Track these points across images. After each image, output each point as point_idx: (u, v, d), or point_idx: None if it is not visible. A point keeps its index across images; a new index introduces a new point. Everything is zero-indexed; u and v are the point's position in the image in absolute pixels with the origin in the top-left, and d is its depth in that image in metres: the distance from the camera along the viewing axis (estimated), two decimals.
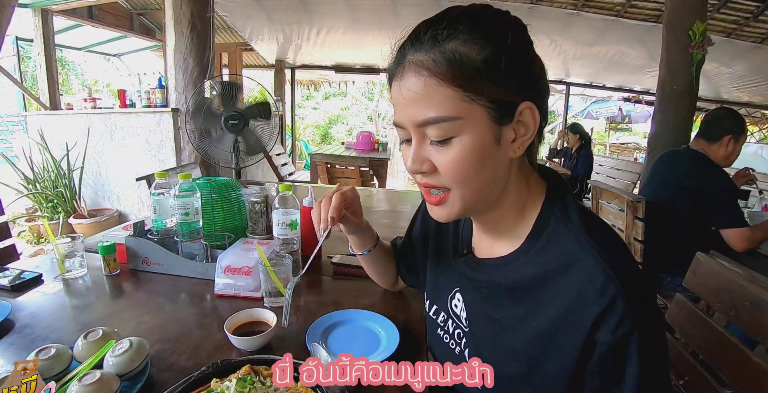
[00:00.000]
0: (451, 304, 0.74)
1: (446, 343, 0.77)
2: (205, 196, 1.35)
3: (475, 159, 0.54)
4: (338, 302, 1.09)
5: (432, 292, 0.84)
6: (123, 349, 0.76)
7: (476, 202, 0.59)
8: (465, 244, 0.75)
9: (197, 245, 1.26)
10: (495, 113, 0.53)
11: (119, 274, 1.24)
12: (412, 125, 0.55)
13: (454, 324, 0.73)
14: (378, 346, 0.89)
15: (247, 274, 1.11)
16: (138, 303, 1.11)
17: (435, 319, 0.81)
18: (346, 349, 0.88)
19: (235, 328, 0.90)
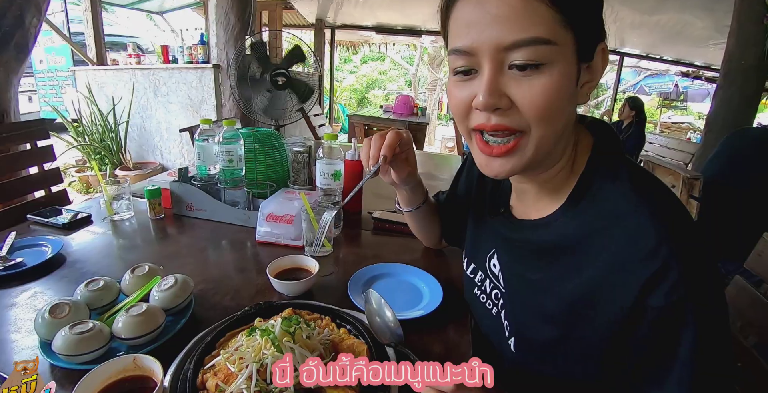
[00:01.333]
0: (489, 264, 0.70)
1: (483, 303, 0.72)
2: (248, 145, 1.32)
3: (563, 95, 0.47)
4: (379, 256, 1.04)
5: (470, 250, 0.78)
6: (168, 284, 0.75)
7: (548, 150, 0.51)
8: (503, 202, 0.69)
9: (240, 193, 1.25)
10: (582, 47, 0.47)
11: (164, 218, 1.25)
12: (494, 48, 0.45)
13: (492, 284, 0.69)
14: (420, 301, 0.85)
15: (289, 223, 1.08)
16: (181, 246, 1.12)
17: (472, 278, 0.75)
18: (388, 300, 0.83)
19: (277, 272, 0.87)
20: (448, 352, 0.71)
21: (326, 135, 1.15)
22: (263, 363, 0.52)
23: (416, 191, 0.87)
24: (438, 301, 0.81)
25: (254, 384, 0.51)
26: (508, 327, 0.64)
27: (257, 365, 0.52)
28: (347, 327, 0.68)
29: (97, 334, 0.64)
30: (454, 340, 0.74)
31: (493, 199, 0.72)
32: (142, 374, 0.60)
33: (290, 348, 0.53)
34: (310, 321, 0.69)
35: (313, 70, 3.38)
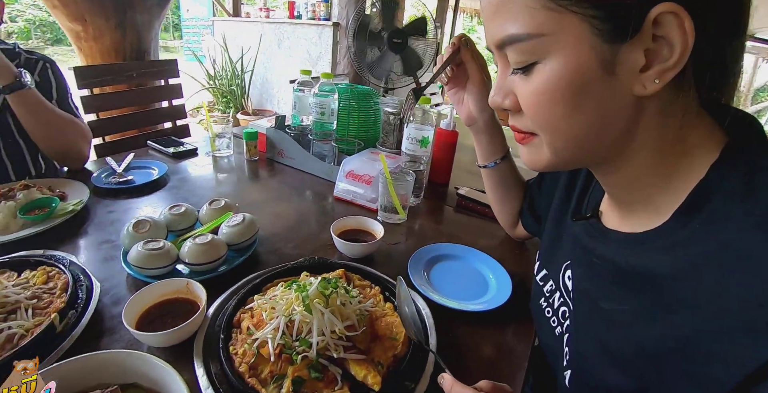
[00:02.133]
0: (564, 275, 0.56)
1: (547, 318, 0.59)
2: (344, 100, 1.30)
3: (566, 94, 0.37)
4: (455, 236, 0.95)
5: (545, 253, 0.64)
6: (236, 221, 0.77)
7: (573, 154, 0.42)
8: (592, 204, 0.55)
9: (328, 147, 1.24)
10: (604, 26, 0.34)
11: (257, 161, 1.31)
12: (493, 46, 0.41)
13: (561, 299, 0.56)
14: (484, 293, 0.75)
15: (368, 183, 1.04)
16: (265, 189, 1.16)
17: (541, 286, 0.62)
18: (448, 284, 0.75)
19: (341, 231, 0.84)
20: (499, 358, 0.61)
21: (422, 99, 1.06)
22: (292, 318, 0.49)
23: (495, 140, 0.79)
24: (503, 299, 0.71)
25: (279, 336, 0.48)
26: (567, 355, 0.51)
27: (286, 319, 0.49)
28: (394, 302, 0.63)
29: (164, 254, 0.68)
30: (510, 346, 0.64)
31: (581, 198, 0.58)
32: (191, 298, 0.62)
33: (320, 311, 0.48)
34: (358, 287, 0.65)
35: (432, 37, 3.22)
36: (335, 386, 0.47)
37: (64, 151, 1.08)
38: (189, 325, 0.55)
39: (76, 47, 2.02)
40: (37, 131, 1.01)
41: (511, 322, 0.68)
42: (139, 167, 1.15)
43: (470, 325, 0.66)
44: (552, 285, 0.59)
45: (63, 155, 1.09)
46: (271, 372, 0.48)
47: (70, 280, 0.64)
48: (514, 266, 0.82)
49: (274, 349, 0.48)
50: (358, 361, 0.48)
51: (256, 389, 0.46)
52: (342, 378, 0.48)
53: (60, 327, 0.57)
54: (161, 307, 0.61)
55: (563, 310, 0.55)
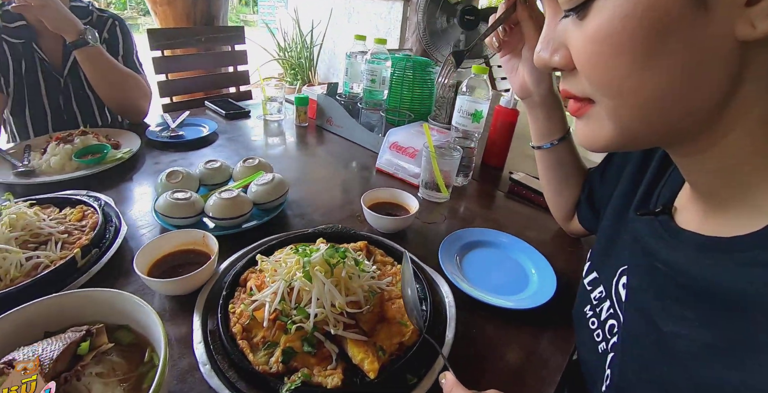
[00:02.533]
0: (618, 282, 0.46)
1: (591, 331, 0.48)
2: (399, 70, 1.22)
3: (635, 38, 0.27)
4: (500, 223, 0.85)
5: (599, 253, 0.53)
6: (265, 181, 0.74)
7: (646, 128, 0.31)
8: (664, 197, 0.43)
9: (377, 117, 1.18)
10: None
11: (306, 127, 1.29)
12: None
13: (611, 310, 0.46)
14: (522, 289, 0.65)
15: (411, 156, 0.96)
16: (309, 154, 1.13)
17: (589, 291, 0.51)
18: (481, 274, 0.67)
19: (373, 204, 0.78)
20: (526, 368, 0.52)
21: (475, 67, 0.94)
22: (292, 285, 0.44)
23: (553, 116, 0.67)
24: (544, 299, 0.60)
25: (277, 302, 0.44)
26: (608, 379, 0.41)
27: (286, 284, 0.44)
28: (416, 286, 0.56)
29: (190, 204, 0.67)
30: (543, 356, 0.54)
31: (651, 188, 0.46)
32: (206, 251, 0.60)
33: (321, 280, 0.43)
34: (379, 263, 0.59)
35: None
36: (328, 365, 0.42)
37: (124, 105, 1.13)
38: (195, 275, 0.53)
39: (152, 11, 2.12)
40: (100, 85, 1.06)
41: (549, 328, 0.58)
42: (192, 124, 1.17)
43: (499, 323, 0.58)
44: (602, 292, 0.49)
45: (123, 109, 1.14)
46: (264, 338, 0.44)
47: (99, 220, 0.65)
48: (563, 265, 0.71)
49: (269, 313, 0.44)
50: (357, 343, 0.43)
51: (244, 353, 0.42)
52: (337, 357, 0.42)
53: (81, 262, 0.58)
54: (177, 256, 0.60)
55: (611, 323, 0.45)
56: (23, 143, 0.95)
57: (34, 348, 0.38)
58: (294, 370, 0.41)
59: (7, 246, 0.55)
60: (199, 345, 0.45)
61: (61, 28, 0.95)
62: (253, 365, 0.41)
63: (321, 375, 0.40)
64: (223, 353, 0.43)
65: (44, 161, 0.86)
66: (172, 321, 0.52)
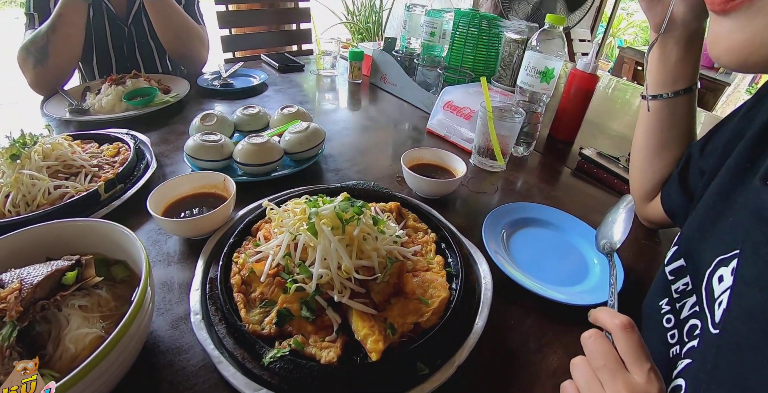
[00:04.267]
0: (714, 274, 0.36)
1: (664, 329, 0.39)
2: (463, 25, 1.08)
3: None
4: (561, 202, 0.73)
5: (692, 236, 0.41)
6: (299, 129, 0.68)
7: None
8: None
9: (434, 75, 1.06)
10: None
11: (359, 84, 1.21)
12: None
13: (695, 308, 0.37)
14: (579, 281, 0.54)
15: (467, 118, 0.85)
16: (357, 111, 1.06)
17: (671, 281, 0.42)
18: (530, 256, 0.56)
19: (415, 164, 0.70)
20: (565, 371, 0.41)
21: (550, 16, 0.78)
22: (297, 238, 0.38)
23: (688, 59, 0.53)
24: (604, 296, 0.48)
25: (281, 255, 0.38)
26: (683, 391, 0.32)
27: (291, 238, 0.38)
28: (448, 259, 0.47)
29: (218, 148, 0.63)
30: None
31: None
32: (225, 195, 0.56)
33: (327, 237, 0.36)
34: (410, 228, 0.51)
35: None
36: (326, 335, 0.35)
37: (185, 53, 1.12)
38: (208, 218, 0.49)
39: None
40: (164, 33, 1.06)
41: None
42: (244, 75, 1.14)
43: (544, 317, 0.48)
44: (687, 284, 0.39)
45: (183, 57, 1.14)
46: (262, 294, 0.38)
47: (131, 157, 0.63)
48: (633, 259, 0.59)
49: (270, 268, 0.38)
50: (364, 316, 0.36)
51: (237, 308, 0.37)
52: (338, 329, 0.36)
53: (104, 195, 0.56)
54: (196, 199, 0.56)
55: (693, 323, 0.37)
56: (84, 84, 0.98)
57: (21, 271, 0.35)
58: (288, 336, 0.36)
59: (37, 173, 0.55)
60: (195, 292, 0.41)
61: None
62: (244, 323, 0.36)
63: (316, 346, 0.34)
64: (217, 305, 0.38)
65: (97, 101, 0.87)
66: (181, 264, 0.49)
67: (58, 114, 0.83)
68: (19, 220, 0.49)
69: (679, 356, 0.36)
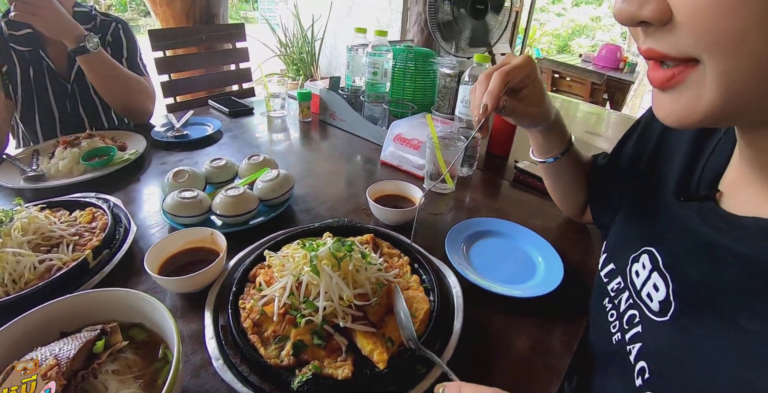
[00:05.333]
0: (631, 269, 0.45)
1: (609, 323, 0.47)
2: (401, 61, 1.21)
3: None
4: (505, 212, 0.85)
5: (614, 243, 0.51)
6: (270, 177, 0.74)
7: (757, 92, 0.26)
8: (706, 180, 0.40)
9: (380, 109, 1.17)
10: None
11: (309, 122, 1.29)
12: None
13: (630, 301, 0.44)
14: (529, 278, 0.65)
15: (415, 148, 0.96)
16: (313, 149, 1.13)
17: (606, 282, 0.50)
18: (487, 263, 0.67)
19: (379, 196, 0.78)
20: (534, 357, 0.52)
21: (477, 56, 0.93)
22: (300, 279, 0.45)
23: (551, 136, 0.64)
24: (551, 287, 0.60)
25: (286, 296, 0.44)
26: (647, 373, 0.38)
27: (294, 279, 0.45)
28: (422, 276, 0.56)
29: (197, 203, 0.68)
30: (548, 345, 0.54)
31: (690, 169, 0.43)
32: (215, 248, 0.61)
33: (328, 274, 0.43)
34: (385, 255, 0.59)
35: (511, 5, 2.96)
36: (338, 357, 0.42)
37: (129, 107, 1.13)
38: (205, 273, 0.53)
39: (152, 12, 2.12)
40: (104, 89, 1.07)
41: (557, 316, 0.58)
42: (197, 124, 1.18)
43: (506, 312, 0.58)
44: (620, 283, 0.47)
45: (128, 111, 1.15)
46: (275, 332, 0.44)
47: (109, 222, 0.66)
48: (569, 252, 0.71)
49: (279, 308, 0.44)
50: (366, 334, 0.43)
51: (255, 347, 0.43)
52: (347, 350, 0.43)
53: (93, 263, 0.59)
54: (186, 254, 0.60)
55: (631, 313, 0.43)
56: (31, 148, 0.96)
57: (52, 347, 0.39)
58: (305, 363, 0.42)
59: (21, 250, 0.57)
60: (211, 340, 0.46)
61: (59, 35, 0.95)
62: (265, 359, 0.42)
63: (331, 367, 0.41)
64: (235, 348, 0.44)
65: (52, 165, 0.87)
66: (184, 318, 0.53)
67: (12, 183, 0.82)
68: (17, 298, 0.51)
69: (624, 341, 0.42)
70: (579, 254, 0.73)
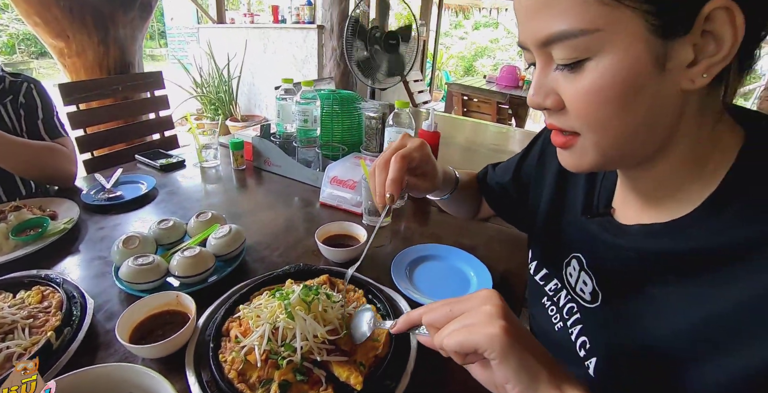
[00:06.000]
0: (566, 272, 0.57)
1: (549, 317, 0.60)
2: (327, 106, 1.33)
3: (619, 91, 0.36)
4: (437, 236, 0.98)
5: (542, 252, 0.65)
6: (223, 233, 0.79)
7: (619, 154, 0.41)
8: (603, 200, 0.55)
9: (312, 153, 1.27)
10: (658, 21, 0.34)
11: (244, 170, 1.34)
12: (534, 44, 0.40)
13: (568, 297, 0.57)
14: (465, 291, 0.78)
15: (352, 188, 1.07)
16: (253, 197, 1.18)
17: (543, 285, 0.63)
18: (430, 284, 0.79)
19: (326, 237, 0.87)
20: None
21: (398, 102, 1.08)
22: (276, 325, 0.52)
23: (443, 185, 0.74)
24: None
25: (265, 343, 0.51)
26: (587, 344, 0.52)
27: (271, 326, 0.52)
28: (378, 305, 0.66)
29: (154, 268, 0.71)
30: None
31: (589, 192, 0.58)
32: (182, 310, 0.65)
33: (302, 318, 0.51)
34: (342, 291, 0.68)
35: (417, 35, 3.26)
36: (320, 387, 0.50)
37: (48, 176, 1.09)
38: (180, 336, 0.57)
39: (60, 63, 2.02)
40: (12, 167, 1.02)
41: None
42: (128, 182, 1.17)
43: None
44: (556, 284, 0.60)
45: (49, 179, 1.11)
46: (259, 377, 0.50)
47: (64, 299, 0.66)
48: (496, 264, 0.85)
49: (260, 355, 0.51)
50: (340, 363, 0.51)
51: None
52: (326, 379, 0.51)
53: (56, 344, 0.60)
54: (153, 319, 0.63)
55: (570, 306, 0.56)
56: None
57: None
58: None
59: None
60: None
61: None
62: None
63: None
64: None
65: None
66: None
67: None
68: None
69: (566, 327, 0.54)
70: (503, 264, 0.88)
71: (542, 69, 0.40)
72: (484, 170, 0.85)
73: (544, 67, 0.40)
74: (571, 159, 0.44)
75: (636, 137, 0.39)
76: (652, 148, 0.41)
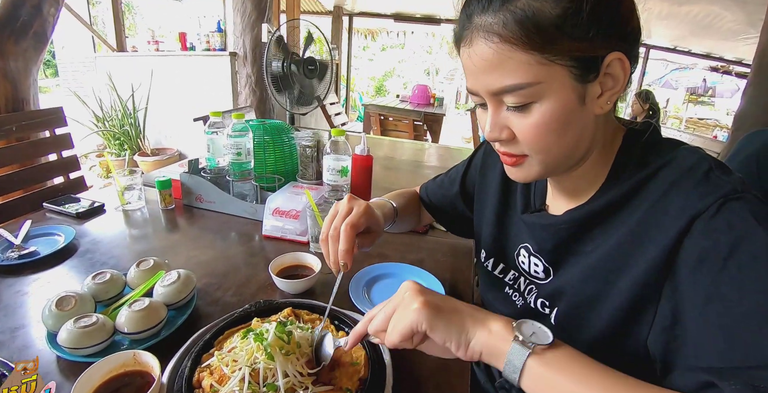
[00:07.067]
0: (518, 261, 0.70)
1: (510, 299, 0.72)
2: (258, 137, 1.33)
3: (558, 124, 0.50)
4: (384, 255, 1.04)
5: (495, 249, 0.76)
6: (171, 280, 0.76)
7: (557, 166, 0.56)
8: (538, 200, 0.70)
9: (248, 185, 1.25)
10: (578, 71, 0.48)
11: (174, 209, 1.27)
12: (486, 93, 0.52)
13: (527, 281, 0.69)
14: None
15: (295, 218, 1.08)
16: (189, 237, 1.13)
17: (501, 278, 0.74)
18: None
19: (280, 270, 0.88)
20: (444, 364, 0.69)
21: (333, 130, 1.13)
22: (255, 367, 0.52)
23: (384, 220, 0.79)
24: None
25: (246, 387, 0.51)
26: (546, 303, 0.63)
27: (249, 369, 0.52)
28: (346, 330, 0.68)
29: (100, 328, 0.66)
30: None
31: (526, 194, 0.71)
32: (141, 369, 0.61)
33: (281, 355, 0.53)
34: (308, 322, 0.70)
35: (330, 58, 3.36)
36: None
37: None
38: None
39: None
40: None
41: None
42: (41, 235, 1.05)
43: None
44: (514, 274, 0.72)
45: None
46: None
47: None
48: (443, 273, 0.93)
49: None
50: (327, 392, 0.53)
51: None
52: None
53: None
54: (110, 384, 0.59)
55: (530, 287, 0.68)
56: None
57: None
58: None
59: None
60: None
61: None
62: None
63: None
64: None
65: None
66: None
67: None
68: None
69: (526, 300, 0.67)
70: (449, 272, 0.96)
71: (495, 110, 0.52)
72: (425, 191, 0.95)
73: (496, 109, 0.52)
74: (520, 173, 0.57)
75: (570, 153, 0.53)
76: (579, 157, 0.56)
